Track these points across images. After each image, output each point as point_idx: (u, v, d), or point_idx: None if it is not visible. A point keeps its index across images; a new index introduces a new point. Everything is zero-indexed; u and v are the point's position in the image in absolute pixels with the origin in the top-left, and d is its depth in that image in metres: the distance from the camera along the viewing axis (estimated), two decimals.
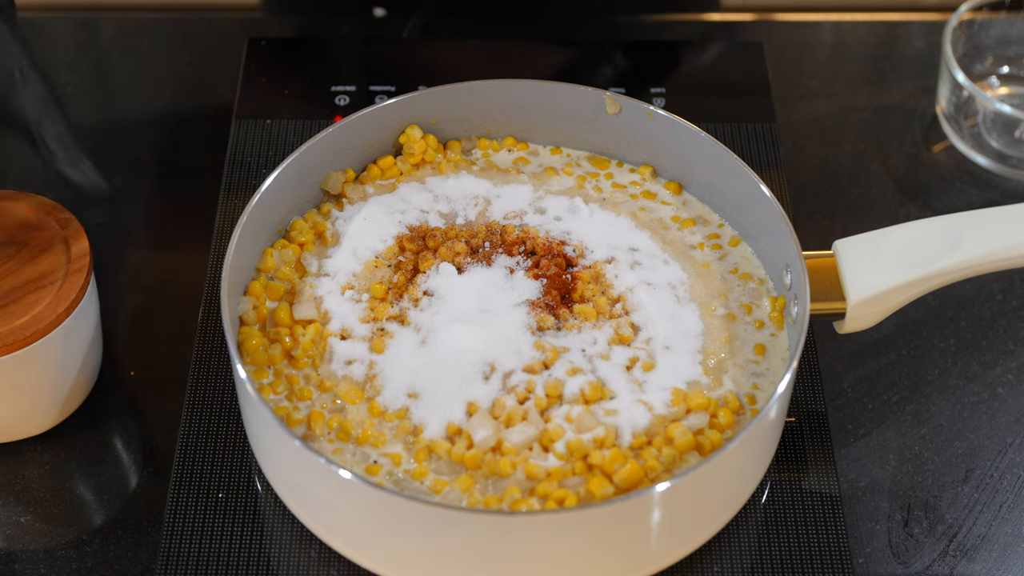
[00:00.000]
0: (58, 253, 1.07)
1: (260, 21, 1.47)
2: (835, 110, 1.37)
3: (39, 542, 1.07)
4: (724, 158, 1.11)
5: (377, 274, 1.10)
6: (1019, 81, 1.38)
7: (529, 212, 1.14)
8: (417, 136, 1.17)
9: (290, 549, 1.03)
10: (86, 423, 1.12)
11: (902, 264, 1.06)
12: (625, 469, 0.97)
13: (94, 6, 1.48)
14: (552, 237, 1.12)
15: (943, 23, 1.34)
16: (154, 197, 1.30)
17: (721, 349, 1.06)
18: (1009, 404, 1.15)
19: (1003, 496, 1.10)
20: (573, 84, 1.16)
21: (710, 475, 0.96)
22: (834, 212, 1.28)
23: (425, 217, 1.13)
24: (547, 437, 0.99)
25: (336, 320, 1.06)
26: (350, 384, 1.03)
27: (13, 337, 1.03)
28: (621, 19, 1.45)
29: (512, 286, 1.08)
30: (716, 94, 1.33)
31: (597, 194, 1.16)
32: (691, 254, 1.12)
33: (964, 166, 1.32)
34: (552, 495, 0.97)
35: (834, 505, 1.05)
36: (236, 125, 1.28)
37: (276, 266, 1.10)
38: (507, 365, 1.03)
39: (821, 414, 1.10)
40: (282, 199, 1.11)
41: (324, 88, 1.32)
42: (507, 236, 1.11)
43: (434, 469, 0.99)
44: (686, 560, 1.01)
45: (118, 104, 1.37)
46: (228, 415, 1.08)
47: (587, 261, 1.10)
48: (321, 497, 0.98)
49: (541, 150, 1.20)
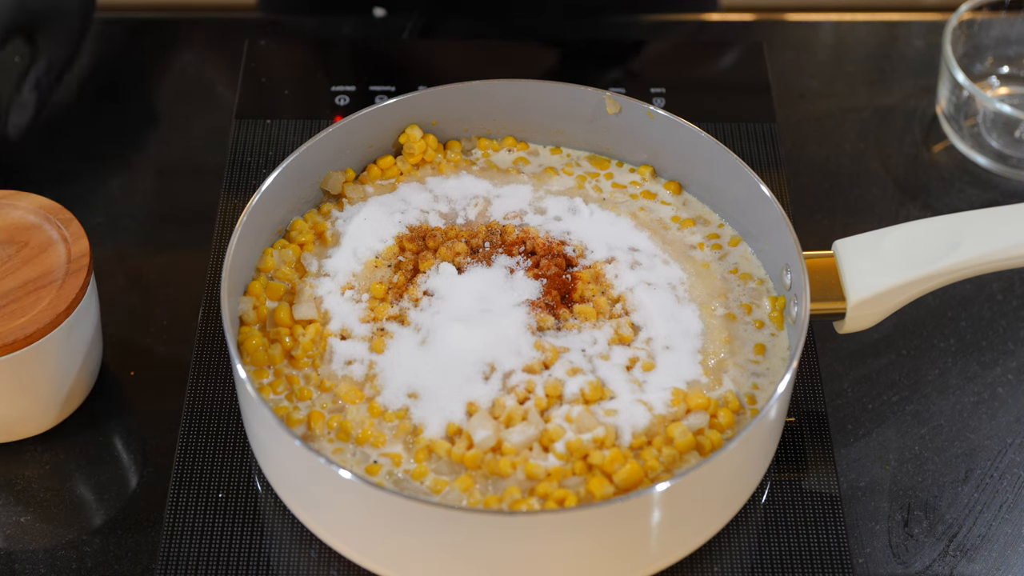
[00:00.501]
0: (58, 253, 1.07)
1: (260, 21, 1.48)
2: (835, 110, 1.37)
3: (39, 542, 1.07)
4: (724, 158, 1.11)
5: (377, 274, 1.10)
6: (1019, 81, 1.38)
7: (529, 212, 1.14)
8: (417, 136, 1.17)
9: (290, 549, 1.03)
10: (86, 423, 1.12)
11: (902, 264, 1.06)
12: (625, 469, 0.97)
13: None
14: (552, 237, 1.12)
15: (943, 23, 1.34)
16: (154, 197, 1.30)
17: (721, 349, 1.06)
18: (1009, 404, 1.15)
19: (1003, 496, 1.10)
20: (573, 84, 1.16)
21: (710, 475, 0.96)
22: (834, 212, 1.28)
23: (425, 217, 1.13)
24: (547, 437, 0.99)
25: (336, 320, 1.06)
26: (350, 384, 1.03)
27: (13, 337, 1.03)
28: (621, 19, 1.45)
29: (512, 286, 1.08)
30: (716, 94, 1.33)
31: (597, 194, 1.16)
32: (691, 254, 1.12)
33: (964, 166, 1.32)
34: (552, 495, 0.97)
35: (834, 505, 1.05)
36: (236, 125, 1.28)
37: (276, 266, 1.10)
38: (507, 365, 1.03)
39: (821, 414, 1.10)
40: (282, 199, 1.11)
41: (324, 88, 1.32)
42: (507, 236, 1.11)
43: (434, 469, 0.99)
44: (686, 560, 1.01)
45: (118, 104, 1.37)
46: (228, 415, 1.08)
47: (587, 261, 1.10)
48: (321, 497, 0.98)
49: (541, 150, 1.20)
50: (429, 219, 1.13)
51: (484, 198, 1.15)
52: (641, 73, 1.35)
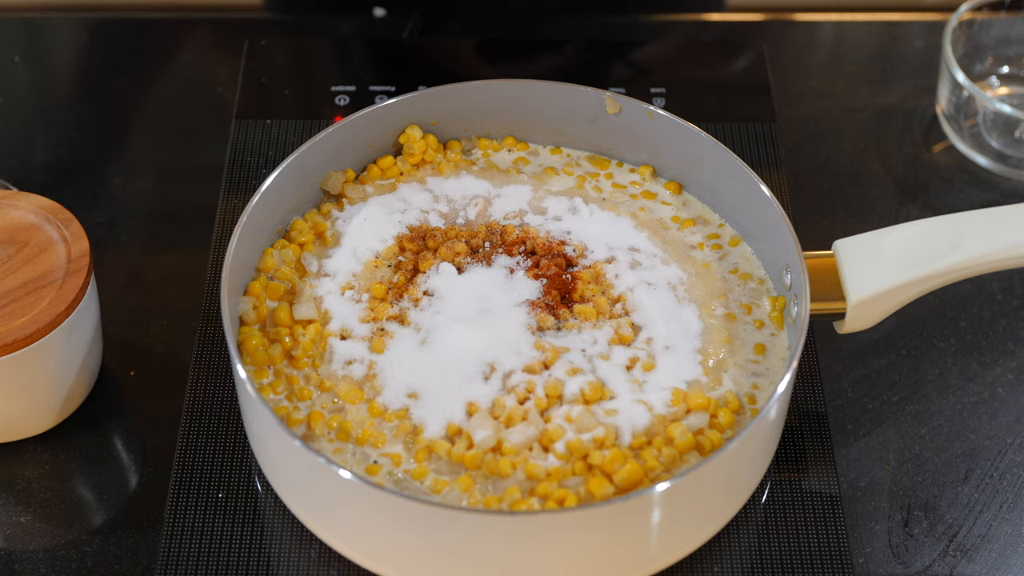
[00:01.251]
0: (58, 253, 1.07)
1: (260, 21, 1.47)
2: (835, 110, 1.37)
3: (39, 542, 1.07)
4: (724, 158, 1.11)
5: (377, 274, 1.10)
6: (1019, 81, 1.38)
7: (529, 212, 1.14)
8: (417, 136, 1.17)
9: (290, 549, 1.03)
10: (86, 423, 1.12)
11: (902, 264, 1.06)
12: (625, 469, 0.97)
13: (94, 6, 1.48)
14: (552, 237, 1.12)
15: (943, 23, 1.34)
16: (154, 197, 1.29)
17: (721, 349, 1.06)
18: (1009, 404, 1.15)
19: (1003, 496, 1.10)
20: (573, 84, 1.16)
21: (710, 475, 0.96)
22: (834, 212, 1.28)
23: (425, 217, 1.13)
24: (547, 437, 0.99)
25: (336, 320, 1.06)
26: (350, 384, 1.03)
27: (13, 337, 1.03)
28: (621, 19, 1.45)
29: (512, 286, 1.08)
30: (716, 94, 1.33)
31: (597, 194, 1.16)
32: (691, 254, 1.12)
33: (964, 166, 1.32)
34: (552, 495, 0.97)
35: (834, 505, 1.05)
36: (236, 125, 1.28)
37: (276, 266, 1.10)
38: (507, 365, 1.03)
39: (821, 414, 1.10)
40: (282, 199, 1.11)
41: (324, 88, 1.32)
42: (507, 236, 1.11)
43: (434, 469, 0.99)
44: (686, 560, 1.01)
45: (118, 104, 1.37)
46: (228, 415, 1.08)
47: (587, 261, 1.10)
48: (321, 497, 0.98)
49: (541, 150, 1.20)
50: (429, 219, 1.13)
51: (484, 198, 1.15)
52: (641, 73, 1.35)
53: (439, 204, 1.15)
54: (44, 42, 1.43)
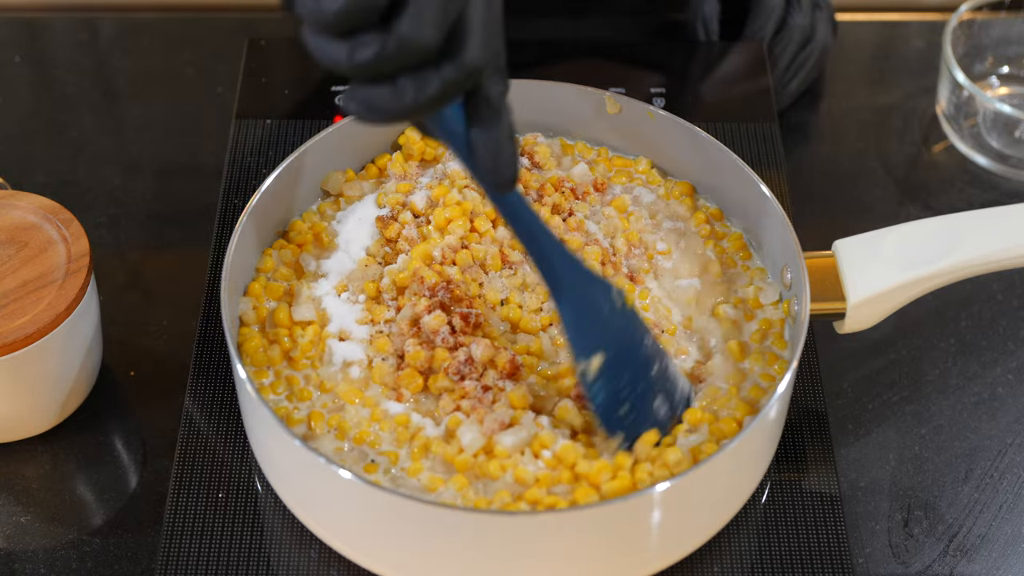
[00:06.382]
0: (58, 253, 1.07)
1: (260, 21, 1.47)
2: (835, 110, 1.37)
3: (39, 542, 1.07)
4: (724, 158, 1.11)
5: (369, 272, 1.09)
6: (1019, 81, 1.38)
7: None
8: (417, 136, 1.17)
9: (290, 549, 1.03)
10: (86, 423, 1.12)
11: (902, 264, 1.06)
12: (614, 482, 0.96)
13: (94, 6, 1.48)
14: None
15: (943, 23, 1.34)
16: (154, 197, 1.30)
17: (721, 348, 1.06)
18: (1009, 404, 1.15)
19: (1003, 496, 1.10)
20: (573, 84, 1.16)
21: (710, 475, 0.96)
22: (834, 212, 1.28)
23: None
24: (539, 443, 0.99)
25: (335, 321, 1.06)
26: (349, 384, 1.03)
27: (13, 337, 1.03)
28: (621, 19, 1.45)
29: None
30: (716, 94, 1.33)
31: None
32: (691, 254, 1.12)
33: (964, 166, 1.32)
34: (542, 502, 0.96)
35: (834, 505, 1.05)
36: (236, 125, 1.28)
37: (275, 267, 1.09)
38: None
39: (821, 414, 1.10)
40: (282, 199, 1.11)
41: (324, 88, 1.32)
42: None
43: (429, 467, 0.99)
44: (686, 560, 1.01)
45: (118, 104, 1.37)
46: (228, 415, 1.08)
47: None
48: (321, 497, 0.98)
49: None
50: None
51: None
52: (641, 73, 1.35)
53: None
54: (44, 42, 1.43)
